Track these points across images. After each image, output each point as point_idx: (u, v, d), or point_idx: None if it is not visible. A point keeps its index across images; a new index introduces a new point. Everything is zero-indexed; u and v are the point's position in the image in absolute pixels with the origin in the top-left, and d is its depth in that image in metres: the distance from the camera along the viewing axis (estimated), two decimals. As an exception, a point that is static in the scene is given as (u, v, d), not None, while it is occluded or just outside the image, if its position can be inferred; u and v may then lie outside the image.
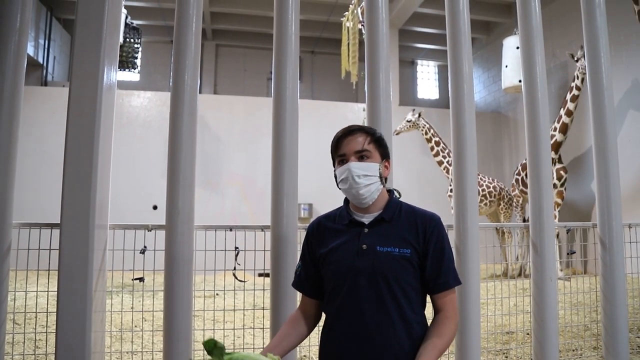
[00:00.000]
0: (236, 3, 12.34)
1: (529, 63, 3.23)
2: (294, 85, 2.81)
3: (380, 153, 1.68)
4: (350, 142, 1.64)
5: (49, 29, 11.57)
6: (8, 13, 2.49)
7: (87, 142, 2.39)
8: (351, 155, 1.63)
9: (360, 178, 1.60)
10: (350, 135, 1.65)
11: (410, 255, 1.59)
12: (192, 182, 2.65)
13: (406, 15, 11.97)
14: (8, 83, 2.47)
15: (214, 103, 11.37)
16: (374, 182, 1.63)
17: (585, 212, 9.77)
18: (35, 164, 9.67)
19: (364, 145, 1.63)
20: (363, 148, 1.63)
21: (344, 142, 1.65)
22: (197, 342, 3.94)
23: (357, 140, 1.64)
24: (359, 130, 1.67)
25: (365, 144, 1.64)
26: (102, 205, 2.50)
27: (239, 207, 10.92)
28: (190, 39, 2.68)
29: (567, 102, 8.15)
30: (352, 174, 1.60)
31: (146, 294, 3.96)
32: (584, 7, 3.47)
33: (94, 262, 2.35)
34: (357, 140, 1.64)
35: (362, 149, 1.63)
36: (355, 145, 1.63)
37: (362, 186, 1.61)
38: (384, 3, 2.95)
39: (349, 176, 1.61)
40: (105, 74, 2.48)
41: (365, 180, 1.61)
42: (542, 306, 3.05)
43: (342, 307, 1.60)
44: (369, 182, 1.62)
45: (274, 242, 2.71)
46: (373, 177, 1.63)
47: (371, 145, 1.65)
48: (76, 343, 2.30)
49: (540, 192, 3.13)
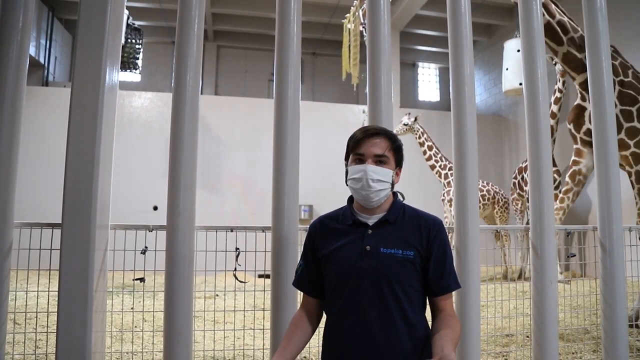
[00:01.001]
0: (238, 4, 12.37)
1: (530, 66, 3.23)
2: (296, 86, 2.81)
3: (396, 161, 1.68)
4: (373, 145, 1.63)
5: (50, 29, 11.60)
6: (11, 13, 2.50)
7: (88, 142, 2.39)
8: (370, 157, 1.62)
9: (374, 182, 1.60)
10: (374, 137, 1.64)
11: (413, 257, 1.60)
12: (193, 182, 2.65)
13: (407, 18, 12.00)
14: (10, 83, 2.48)
15: (215, 104, 11.38)
16: (386, 187, 1.63)
17: (583, 216, 9.78)
18: (35, 164, 9.68)
19: (384, 151, 1.63)
20: (383, 153, 1.63)
21: (366, 142, 1.64)
22: (197, 342, 3.95)
23: (380, 145, 1.63)
24: (383, 135, 1.66)
25: (386, 150, 1.64)
26: (104, 206, 2.50)
27: (240, 208, 10.93)
28: (192, 39, 2.69)
29: (551, 105, 8.18)
30: (368, 176, 1.60)
31: (146, 295, 3.96)
32: (585, 10, 3.48)
33: (94, 262, 2.36)
34: (380, 145, 1.63)
35: (382, 154, 1.63)
36: (376, 149, 1.63)
37: (374, 190, 1.61)
38: (385, 5, 2.95)
39: (363, 177, 1.60)
40: (107, 74, 2.49)
41: (378, 185, 1.61)
42: (542, 309, 3.05)
43: (344, 307, 1.60)
44: (382, 188, 1.62)
45: (275, 243, 2.71)
46: (386, 183, 1.63)
47: (391, 152, 1.65)
48: (77, 343, 2.30)
49: (540, 194, 3.13)
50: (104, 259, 2.53)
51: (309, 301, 1.77)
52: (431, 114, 12.47)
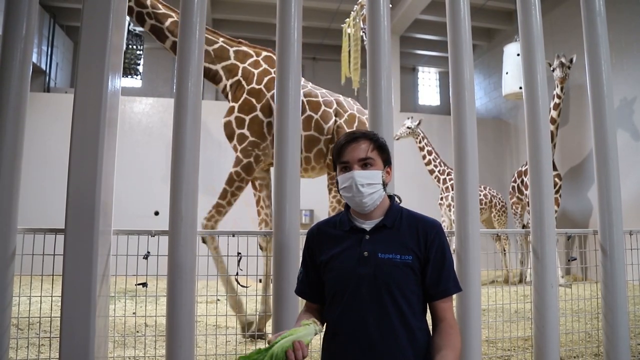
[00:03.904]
0: (238, 10, 12.41)
1: (530, 70, 3.24)
2: (296, 91, 2.83)
3: (383, 159, 1.67)
4: (354, 150, 1.63)
5: (52, 36, 11.64)
6: (14, 21, 2.52)
7: (91, 148, 2.41)
8: (355, 163, 1.61)
9: (364, 187, 1.59)
10: (354, 142, 1.64)
11: (412, 262, 1.58)
12: (195, 188, 2.66)
13: (407, 22, 12.03)
14: (14, 90, 2.49)
15: (216, 109, 11.38)
16: (377, 190, 1.62)
17: (582, 220, 9.78)
18: (37, 170, 9.69)
19: (367, 153, 1.62)
20: (367, 156, 1.62)
21: (347, 149, 1.64)
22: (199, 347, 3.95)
23: (361, 148, 1.62)
24: (362, 137, 1.65)
25: (369, 151, 1.63)
26: (106, 211, 2.51)
27: (241, 213, 10.91)
28: (194, 45, 2.70)
29: (550, 110, 8.21)
30: (356, 182, 1.59)
31: (149, 299, 3.96)
32: (585, 15, 3.49)
33: (97, 268, 2.37)
34: (361, 148, 1.62)
35: (365, 156, 1.62)
36: (359, 152, 1.62)
37: (366, 195, 1.60)
38: (385, 10, 2.97)
39: (352, 185, 1.60)
40: (110, 80, 2.51)
41: (368, 189, 1.60)
42: (543, 312, 3.05)
43: (343, 314, 1.59)
44: (373, 191, 1.61)
45: (277, 248, 2.72)
46: (376, 185, 1.62)
47: (374, 152, 1.64)
48: (80, 348, 2.31)
49: (541, 198, 3.13)
50: (107, 264, 2.54)
51: (312, 307, 1.75)
52: (431, 118, 12.48)
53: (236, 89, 4.91)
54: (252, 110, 4.76)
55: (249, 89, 4.83)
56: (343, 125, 5.06)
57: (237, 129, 4.79)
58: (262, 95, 4.79)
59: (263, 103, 4.76)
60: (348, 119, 5.12)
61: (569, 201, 9.93)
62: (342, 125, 5.04)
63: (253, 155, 4.75)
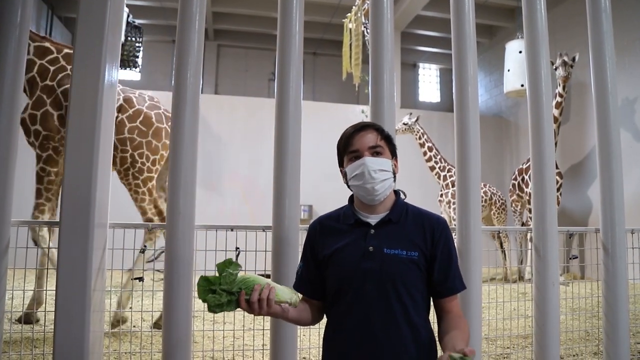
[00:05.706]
0: (238, 3, 12.35)
1: (534, 66, 3.20)
2: (297, 85, 2.79)
3: (390, 150, 1.67)
4: (363, 138, 1.62)
5: (49, 27, 11.57)
6: (9, 8, 2.47)
7: (87, 141, 2.37)
8: (365, 150, 1.61)
9: (376, 173, 1.58)
10: (362, 131, 1.64)
11: (418, 258, 1.56)
12: (194, 181, 2.62)
13: (409, 18, 11.98)
14: (8, 79, 2.44)
15: (215, 103, 11.35)
16: (389, 177, 1.62)
17: (581, 218, 9.77)
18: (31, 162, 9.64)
19: (377, 142, 1.62)
20: (377, 144, 1.62)
21: (356, 137, 1.63)
22: (196, 342, 3.92)
23: (370, 136, 1.63)
24: (370, 127, 1.66)
25: (378, 140, 1.63)
26: (102, 204, 2.47)
27: (240, 207, 10.90)
28: (193, 38, 2.66)
29: (552, 109, 8.19)
30: (368, 168, 1.58)
31: (145, 294, 3.93)
32: (590, 11, 3.44)
33: (93, 261, 2.33)
34: (370, 136, 1.63)
35: (375, 144, 1.62)
36: (368, 140, 1.62)
37: (379, 181, 1.58)
38: (389, 4, 2.93)
39: (364, 171, 1.58)
40: (107, 72, 2.46)
41: (381, 175, 1.59)
42: (543, 310, 3.03)
43: (347, 309, 1.57)
44: (385, 177, 1.60)
45: (275, 243, 2.69)
46: (388, 173, 1.61)
47: (382, 141, 1.64)
48: (74, 343, 2.27)
49: (543, 196, 3.11)
50: (103, 257, 2.50)
51: (308, 303, 1.72)
52: (432, 114, 12.45)
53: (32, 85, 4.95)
54: (43, 105, 4.86)
55: (42, 86, 4.89)
56: (124, 120, 5.04)
57: (31, 126, 4.89)
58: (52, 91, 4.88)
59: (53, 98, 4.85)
60: (132, 114, 5.09)
61: (569, 199, 9.91)
62: (124, 121, 5.03)
63: (50, 148, 4.89)
